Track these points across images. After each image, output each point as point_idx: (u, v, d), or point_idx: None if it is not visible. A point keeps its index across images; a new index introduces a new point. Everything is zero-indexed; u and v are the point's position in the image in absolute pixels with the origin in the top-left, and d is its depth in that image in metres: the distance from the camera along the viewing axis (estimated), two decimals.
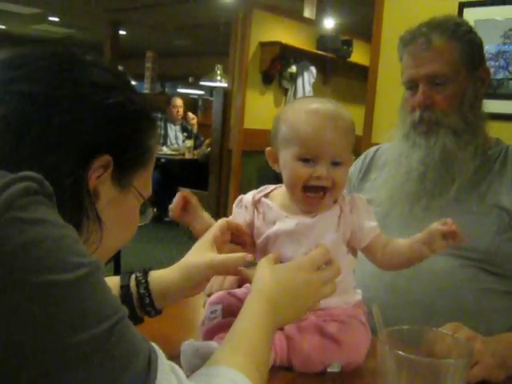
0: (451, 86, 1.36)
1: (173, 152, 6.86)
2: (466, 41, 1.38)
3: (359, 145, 3.06)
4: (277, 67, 5.89)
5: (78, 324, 0.54)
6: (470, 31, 1.41)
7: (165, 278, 0.98)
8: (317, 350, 0.96)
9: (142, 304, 0.96)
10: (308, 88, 6.16)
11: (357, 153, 1.18)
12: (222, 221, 1.02)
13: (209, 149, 6.38)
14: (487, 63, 1.54)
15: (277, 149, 1.04)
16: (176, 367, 0.66)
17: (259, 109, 5.66)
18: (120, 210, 0.76)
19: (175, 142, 7.15)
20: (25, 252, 0.53)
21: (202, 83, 8.59)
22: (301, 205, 1.02)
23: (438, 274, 1.31)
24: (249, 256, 0.95)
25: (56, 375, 0.53)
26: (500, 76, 2.59)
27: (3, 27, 11.00)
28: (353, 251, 1.06)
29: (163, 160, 6.57)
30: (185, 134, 7.26)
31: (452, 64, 1.35)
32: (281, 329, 0.97)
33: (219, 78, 7.44)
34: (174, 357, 0.77)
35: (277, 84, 6.06)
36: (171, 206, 1.03)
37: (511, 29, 2.56)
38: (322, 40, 6.52)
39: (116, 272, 3.51)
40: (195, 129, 7.43)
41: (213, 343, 0.90)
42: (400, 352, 0.78)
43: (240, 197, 1.09)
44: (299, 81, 6.13)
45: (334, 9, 6.59)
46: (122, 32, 9.81)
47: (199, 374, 0.72)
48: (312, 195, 0.99)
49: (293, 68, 6.07)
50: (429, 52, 1.36)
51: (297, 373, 0.98)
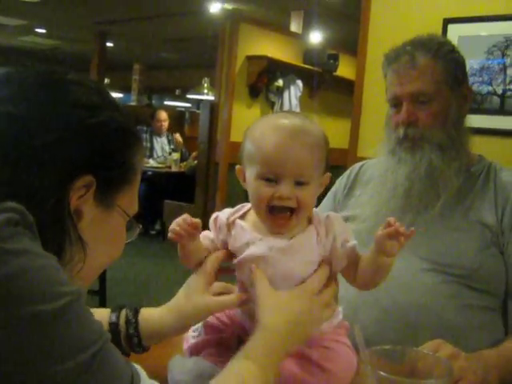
0: (435, 104, 1.37)
1: (159, 165, 6.81)
2: (449, 59, 1.40)
3: (345, 158, 3.08)
4: (263, 81, 5.93)
5: (63, 353, 0.55)
6: (453, 50, 1.43)
7: (156, 320, 0.97)
8: (300, 377, 0.92)
9: (130, 343, 0.96)
10: (294, 102, 6.20)
11: (343, 166, 1.17)
12: (215, 259, 0.99)
13: (195, 161, 6.38)
14: (471, 78, 1.55)
15: (244, 166, 0.98)
16: None
17: (246, 122, 5.57)
18: (105, 228, 0.75)
19: (161, 155, 7.09)
20: (8, 284, 0.54)
21: (189, 96, 8.61)
22: (268, 225, 0.95)
23: (421, 290, 1.31)
24: (244, 297, 0.94)
25: None
26: (484, 91, 2.61)
27: None
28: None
29: (149, 173, 6.53)
30: (171, 147, 7.22)
31: (436, 82, 1.37)
32: None
33: (206, 91, 7.46)
34: (160, 373, 0.76)
35: (263, 97, 6.10)
36: (176, 229, 0.94)
37: (495, 45, 2.59)
38: (309, 54, 6.58)
39: (101, 285, 3.47)
40: (181, 146, 7.29)
41: (199, 359, 0.89)
42: (382, 372, 0.78)
43: (215, 215, 1.02)
44: (286, 94, 6.18)
45: (321, 23, 6.65)
46: (110, 44, 9.80)
47: None
48: (278, 215, 0.93)
49: (279, 81, 6.12)
50: (413, 70, 1.37)
51: None
